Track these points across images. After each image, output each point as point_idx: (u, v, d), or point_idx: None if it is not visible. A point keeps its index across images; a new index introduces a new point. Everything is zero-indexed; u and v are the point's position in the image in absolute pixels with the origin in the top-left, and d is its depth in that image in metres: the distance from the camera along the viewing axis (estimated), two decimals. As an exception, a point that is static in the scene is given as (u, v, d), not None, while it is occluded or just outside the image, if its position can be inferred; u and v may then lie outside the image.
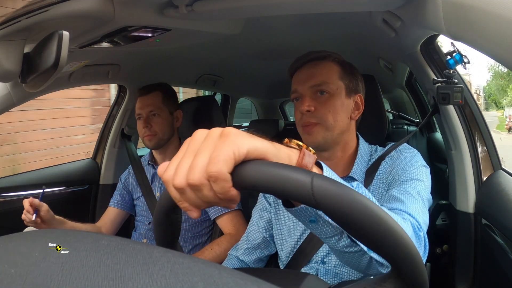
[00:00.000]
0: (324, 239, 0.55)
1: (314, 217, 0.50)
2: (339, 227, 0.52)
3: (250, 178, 0.35)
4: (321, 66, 0.89)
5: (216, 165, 0.34)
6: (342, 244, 0.54)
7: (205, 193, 0.36)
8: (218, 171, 0.34)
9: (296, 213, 0.49)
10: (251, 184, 0.35)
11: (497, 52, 0.48)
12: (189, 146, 0.38)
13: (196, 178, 0.35)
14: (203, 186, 0.35)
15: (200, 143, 0.37)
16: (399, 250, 0.34)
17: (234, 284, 0.21)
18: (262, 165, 0.35)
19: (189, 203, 0.37)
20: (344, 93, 0.89)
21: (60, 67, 0.71)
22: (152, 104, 1.37)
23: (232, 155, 0.35)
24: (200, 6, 0.82)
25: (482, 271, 1.02)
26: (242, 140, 0.36)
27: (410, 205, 0.70)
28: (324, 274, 0.85)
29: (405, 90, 2.27)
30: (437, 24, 0.61)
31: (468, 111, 1.06)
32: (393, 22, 0.86)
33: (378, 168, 0.87)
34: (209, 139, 0.37)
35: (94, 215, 1.72)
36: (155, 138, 1.37)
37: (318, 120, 0.86)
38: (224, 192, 0.35)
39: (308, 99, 0.87)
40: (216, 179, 0.34)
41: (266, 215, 1.00)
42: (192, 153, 0.37)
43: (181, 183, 0.36)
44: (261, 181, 0.34)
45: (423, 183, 0.78)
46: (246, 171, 0.35)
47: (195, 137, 0.38)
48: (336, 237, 0.54)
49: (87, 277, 0.22)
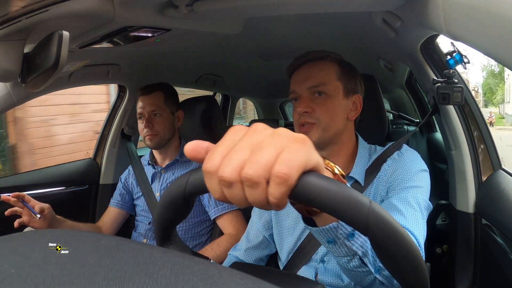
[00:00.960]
0: (337, 257, 0.56)
1: (333, 238, 0.51)
2: (353, 250, 0.54)
3: (311, 191, 0.33)
4: (319, 67, 0.89)
5: (289, 168, 0.32)
6: (353, 264, 0.56)
7: (258, 193, 0.32)
8: (288, 174, 0.32)
9: (317, 232, 0.49)
10: (308, 198, 0.34)
11: (497, 52, 0.48)
12: (245, 138, 0.34)
13: (256, 174, 0.32)
14: (260, 185, 0.32)
15: (262, 138, 0.34)
16: (416, 281, 0.38)
17: (234, 284, 0.21)
18: (328, 182, 0.34)
19: (230, 198, 0.34)
20: (342, 93, 0.89)
21: (60, 67, 0.71)
22: (154, 104, 1.37)
23: (304, 163, 0.33)
24: (200, 6, 0.82)
25: (482, 271, 1.02)
26: (314, 152, 0.35)
27: (411, 220, 0.71)
28: (323, 273, 0.85)
29: (405, 90, 2.27)
30: (437, 24, 0.61)
31: (468, 111, 1.06)
32: (393, 22, 0.86)
33: (379, 169, 0.87)
34: (278, 138, 0.34)
35: (94, 215, 1.72)
36: (157, 138, 1.37)
37: (315, 120, 0.86)
38: (281, 198, 0.32)
39: (305, 100, 0.87)
40: (283, 182, 0.32)
41: (266, 215, 1.00)
42: (250, 146, 0.33)
43: (232, 176, 0.32)
44: (320, 197, 0.33)
45: (423, 189, 0.79)
46: (310, 183, 0.33)
47: (256, 130, 0.35)
48: (348, 258, 0.55)
49: (87, 277, 0.22)
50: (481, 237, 1.02)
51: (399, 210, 0.73)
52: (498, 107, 25.11)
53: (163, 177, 1.44)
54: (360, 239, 0.55)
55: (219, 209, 1.32)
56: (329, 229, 0.48)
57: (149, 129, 1.35)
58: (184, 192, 0.40)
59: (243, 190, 0.33)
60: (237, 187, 0.33)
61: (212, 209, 1.33)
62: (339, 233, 0.50)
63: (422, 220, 0.73)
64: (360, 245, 0.54)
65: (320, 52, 0.91)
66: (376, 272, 0.57)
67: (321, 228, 0.48)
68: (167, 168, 1.43)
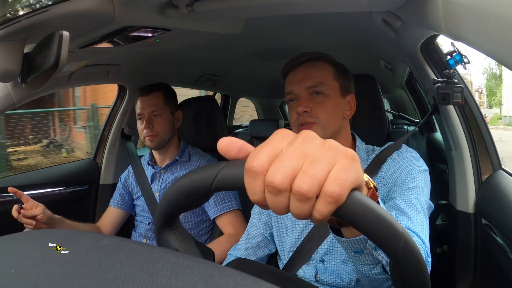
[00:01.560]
0: (360, 265, 0.56)
1: (360, 249, 0.51)
2: (378, 259, 0.54)
3: (355, 212, 0.33)
4: (316, 68, 0.90)
5: (342, 188, 0.31)
6: (374, 272, 0.56)
7: (306, 207, 0.31)
8: (341, 194, 0.31)
9: (345, 243, 0.49)
10: (351, 218, 0.33)
11: (497, 52, 0.48)
12: (297, 144, 0.32)
13: (310, 190, 0.30)
14: (309, 200, 0.31)
15: (313, 149, 0.32)
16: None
17: (234, 284, 0.21)
18: (370, 205, 0.34)
19: (270, 204, 0.32)
20: (338, 93, 0.90)
21: (60, 67, 0.71)
22: (154, 105, 1.37)
23: (354, 183, 0.32)
24: (200, 6, 0.82)
25: (482, 271, 1.02)
26: (361, 171, 0.34)
27: (417, 222, 0.72)
28: (323, 272, 0.85)
29: (405, 90, 2.27)
30: (437, 24, 0.61)
31: (468, 111, 1.06)
32: (393, 22, 0.86)
33: (379, 169, 0.87)
34: (330, 151, 0.32)
35: (94, 215, 1.72)
36: (157, 139, 1.37)
37: (314, 119, 0.87)
38: (328, 215, 0.31)
39: (304, 99, 0.88)
40: (333, 202, 0.31)
41: (266, 214, 1.00)
42: (303, 155, 0.31)
43: (283, 185, 0.30)
44: (362, 219, 0.33)
45: (424, 190, 0.81)
46: (356, 204, 0.33)
47: (308, 137, 0.33)
48: (371, 266, 0.56)
49: (87, 277, 0.22)
50: (481, 237, 1.02)
51: (404, 213, 0.74)
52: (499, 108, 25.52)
53: (162, 177, 1.44)
54: None
55: (218, 209, 1.32)
56: (358, 240, 0.49)
57: (149, 130, 1.35)
58: (211, 184, 0.36)
59: (289, 200, 0.31)
60: (285, 196, 0.31)
61: (212, 209, 1.33)
62: (368, 244, 0.50)
63: (426, 221, 0.75)
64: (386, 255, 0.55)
65: (316, 53, 0.93)
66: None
67: (350, 239, 0.48)
68: (166, 168, 1.43)
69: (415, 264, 0.38)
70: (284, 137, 0.33)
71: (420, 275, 0.39)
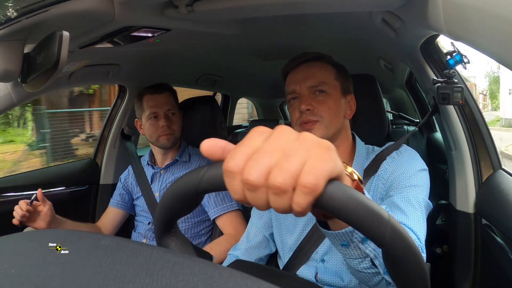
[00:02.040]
0: (348, 259, 0.56)
1: (347, 241, 0.51)
2: (366, 253, 0.54)
3: (335, 201, 0.33)
4: (317, 67, 0.91)
5: (317, 178, 0.31)
6: (363, 266, 0.56)
7: (283, 200, 0.31)
8: (316, 184, 0.31)
9: (332, 236, 0.50)
10: (332, 208, 0.33)
11: (497, 52, 0.48)
12: (271, 141, 0.33)
13: (285, 183, 0.31)
14: (286, 193, 0.31)
15: (288, 143, 0.33)
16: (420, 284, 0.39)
17: (234, 284, 0.21)
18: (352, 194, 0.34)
19: (251, 201, 0.33)
20: (339, 92, 0.91)
21: (60, 67, 0.71)
22: (169, 103, 1.37)
23: (330, 172, 0.32)
24: (200, 6, 0.82)
25: (482, 271, 1.02)
26: (338, 160, 0.34)
27: (412, 218, 0.72)
28: (323, 272, 0.85)
29: (405, 90, 2.27)
30: (437, 24, 0.61)
31: (468, 111, 1.06)
32: (393, 22, 0.86)
33: (378, 168, 0.87)
34: (304, 143, 0.33)
35: (94, 215, 1.72)
36: (173, 137, 1.37)
37: (317, 118, 0.87)
38: (306, 207, 0.32)
39: (307, 98, 0.89)
40: (310, 192, 0.31)
41: (266, 214, 1.00)
42: (276, 150, 0.32)
43: (258, 181, 0.31)
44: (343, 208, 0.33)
45: (423, 188, 0.80)
46: (336, 193, 0.33)
47: (282, 132, 0.34)
48: (359, 259, 0.55)
49: (87, 277, 0.22)
50: (481, 237, 1.02)
51: (400, 209, 0.74)
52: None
53: (162, 178, 1.43)
54: (373, 243, 0.55)
55: (218, 209, 1.32)
56: (344, 233, 0.49)
57: (167, 128, 1.34)
58: (197, 187, 0.38)
59: (267, 195, 0.32)
60: (262, 192, 0.32)
61: (212, 209, 1.33)
62: (354, 237, 0.50)
63: (422, 218, 0.74)
64: (373, 248, 0.55)
65: (316, 53, 0.93)
66: (385, 273, 0.58)
67: (336, 232, 0.48)
68: (166, 168, 1.43)
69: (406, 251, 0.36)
70: (260, 135, 0.34)
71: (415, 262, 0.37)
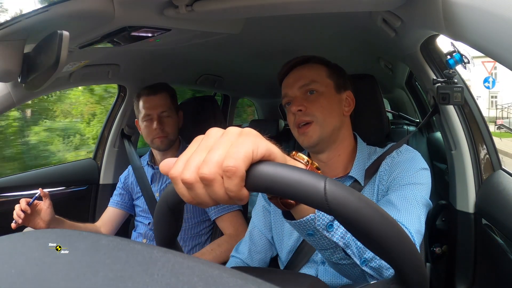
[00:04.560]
0: (320, 250, 0.57)
1: (312, 230, 0.52)
2: (334, 242, 0.54)
3: (265, 179, 0.34)
4: (307, 68, 0.92)
5: (235, 160, 0.33)
6: (336, 256, 0.57)
7: (216, 189, 0.35)
8: (235, 166, 0.33)
9: (295, 225, 0.50)
10: (264, 186, 0.34)
11: (497, 52, 0.48)
12: (202, 142, 0.37)
13: (209, 172, 0.34)
14: (215, 182, 0.34)
15: (215, 140, 0.36)
16: (405, 255, 0.35)
17: (234, 284, 0.21)
18: (278, 167, 0.34)
19: (196, 200, 0.36)
20: (333, 90, 0.91)
21: (60, 67, 0.71)
22: (164, 105, 1.35)
23: (251, 153, 0.34)
24: (200, 6, 0.82)
25: (482, 271, 1.02)
26: (261, 141, 0.36)
27: (405, 214, 0.71)
28: (324, 274, 0.85)
29: (405, 90, 2.27)
30: (437, 24, 0.61)
31: (468, 111, 1.06)
32: (393, 22, 0.86)
33: (378, 168, 0.87)
34: (226, 136, 0.36)
35: (94, 215, 1.72)
36: (167, 139, 1.36)
37: (311, 118, 0.87)
38: (236, 190, 0.34)
39: (298, 99, 0.89)
40: (232, 175, 0.33)
41: (267, 216, 1.00)
42: (205, 149, 0.36)
43: (191, 177, 0.35)
44: (275, 183, 0.34)
45: (422, 186, 0.79)
46: (262, 171, 0.34)
47: (210, 134, 0.38)
48: (331, 250, 0.56)
49: (87, 277, 0.22)
50: (481, 237, 1.02)
51: (393, 205, 0.73)
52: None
53: (162, 178, 1.43)
54: (340, 230, 0.55)
55: (219, 209, 1.32)
56: (306, 221, 0.49)
57: (160, 131, 1.33)
58: (167, 204, 0.42)
59: (204, 189, 0.35)
60: (198, 187, 0.35)
61: (212, 210, 1.33)
62: (316, 224, 0.51)
63: (417, 214, 0.72)
64: (341, 236, 0.55)
65: (307, 56, 0.94)
66: (362, 264, 0.58)
67: (298, 221, 0.49)
68: (167, 168, 1.43)
69: (358, 208, 0.33)
70: (196, 141, 0.38)
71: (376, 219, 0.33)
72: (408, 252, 0.35)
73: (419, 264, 0.36)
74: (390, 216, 0.35)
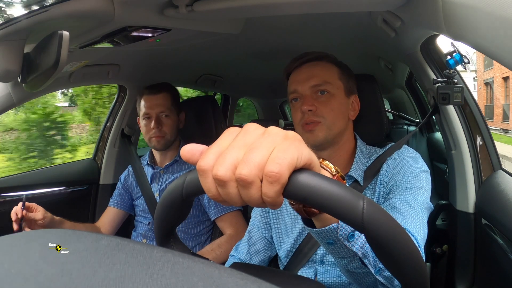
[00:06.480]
0: (337, 259, 0.56)
1: (333, 239, 0.51)
2: (353, 251, 0.53)
3: (305, 189, 0.33)
4: (320, 67, 0.89)
5: (280, 166, 0.32)
6: (353, 265, 0.56)
7: (252, 192, 0.33)
8: (280, 172, 0.32)
9: (317, 234, 0.49)
10: (302, 195, 0.33)
11: (497, 52, 0.48)
12: (239, 137, 0.35)
13: (249, 174, 0.32)
14: (254, 185, 0.32)
15: (255, 138, 0.34)
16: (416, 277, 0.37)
17: (234, 284, 0.21)
18: (320, 179, 0.33)
19: (223, 198, 0.34)
20: (343, 93, 0.90)
21: (60, 67, 0.71)
22: (163, 105, 1.35)
23: (295, 160, 0.33)
24: (200, 6, 0.82)
25: (482, 271, 1.02)
26: (305, 148, 0.35)
27: (410, 220, 0.71)
28: (323, 274, 0.85)
29: (405, 90, 2.27)
30: (437, 24, 0.61)
31: (468, 111, 1.06)
32: (393, 22, 0.86)
33: (379, 170, 0.87)
34: (270, 137, 0.34)
35: (94, 215, 1.72)
36: (164, 140, 1.35)
37: (320, 119, 0.86)
38: (275, 196, 0.32)
39: (309, 98, 0.87)
40: (275, 181, 0.32)
41: (266, 216, 1.00)
42: (243, 146, 0.34)
43: (226, 175, 0.32)
44: (315, 195, 0.33)
45: (424, 190, 0.79)
46: (303, 181, 0.33)
47: (248, 130, 0.35)
48: (348, 259, 0.55)
49: (87, 277, 0.22)
50: (481, 237, 1.02)
51: (398, 211, 0.73)
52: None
53: (162, 178, 1.43)
54: (360, 240, 0.54)
55: (219, 210, 1.32)
56: (328, 230, 0.48)
57: (157, 130, 1.33)
58: (182, 193, 0.40)
59: (237, 189, 0.33)
60: (232, 186, 0.33)
61: (212, 210, 1.33)
62: (339, 234, 0.50)
63: (422, 220, 0.73)
64: (360, 246, 0.54)
65: (320, 53, 0.92)
66: (376, 273, 0.57)
67: (320, 229, 0.48)
68: (166, 168, 1.43)
69: (388, 232, 0.34)
70: (230, 134, 0.36)
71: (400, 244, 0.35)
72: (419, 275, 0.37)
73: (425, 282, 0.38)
74: (412, 242, 0.37)
